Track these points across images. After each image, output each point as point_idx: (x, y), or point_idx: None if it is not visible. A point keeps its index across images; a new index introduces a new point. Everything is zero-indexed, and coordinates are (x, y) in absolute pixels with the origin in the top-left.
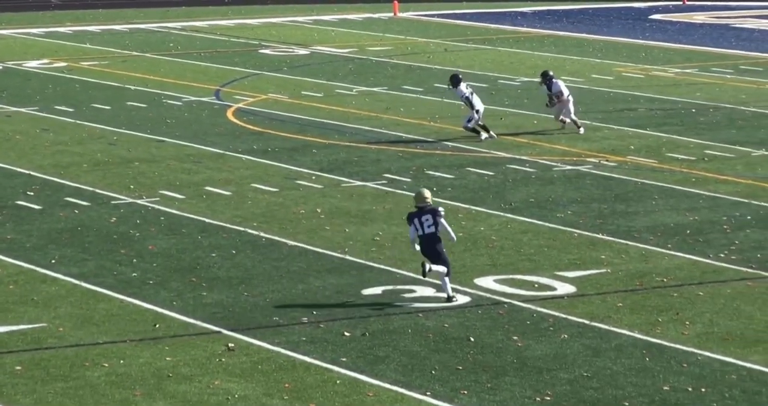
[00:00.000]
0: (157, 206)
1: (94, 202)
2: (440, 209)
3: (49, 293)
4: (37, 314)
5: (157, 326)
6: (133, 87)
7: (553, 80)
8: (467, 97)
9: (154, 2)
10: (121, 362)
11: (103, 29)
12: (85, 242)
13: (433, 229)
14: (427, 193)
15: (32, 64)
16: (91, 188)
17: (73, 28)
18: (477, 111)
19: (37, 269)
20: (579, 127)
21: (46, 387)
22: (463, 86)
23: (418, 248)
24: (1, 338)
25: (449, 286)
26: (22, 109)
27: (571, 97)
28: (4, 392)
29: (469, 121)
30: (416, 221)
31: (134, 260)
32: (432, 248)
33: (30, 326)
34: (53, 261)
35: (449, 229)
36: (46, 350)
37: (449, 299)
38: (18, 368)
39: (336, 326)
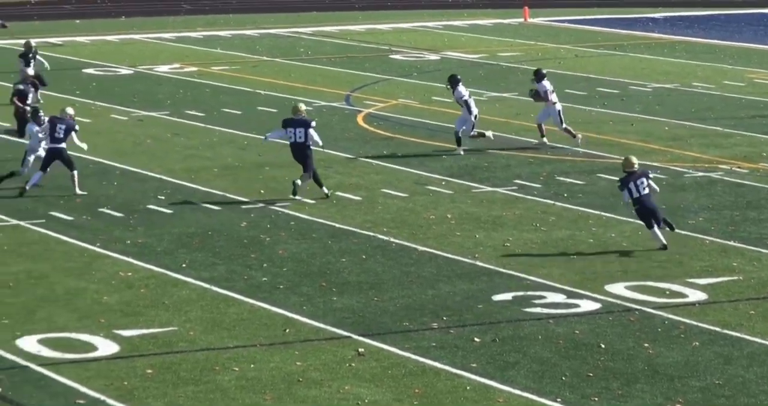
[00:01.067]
0: (287, 211)
1: (225, 206)
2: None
3: (179, 296)
4: (168, 318)
5: (287, 330)
6: (263, 92)
7: (543, 81)
8: (465, 100)
9: (285, 7)
10: (252, 366)
11: (233, 34)
12: (216, 246)
13: (647, 190)
14: (635, 159)
15: (163, 69)
16: (221, 192)
17: (203, 33)
18: (475, 116)
19: (168, 272)
20: (574, 137)
21: (177, 391)
22: (461, 88)
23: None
24: (132, 342)
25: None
26: (153, 114)
27: (559, 106)
28: (135, 395)
29: (472, 127)
30: (631, 184)
31: (264, 265)
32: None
33: (161, 329)
34: (184, 265)
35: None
36: (177, 353)
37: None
38: (149, 371)
39: (466, 331)
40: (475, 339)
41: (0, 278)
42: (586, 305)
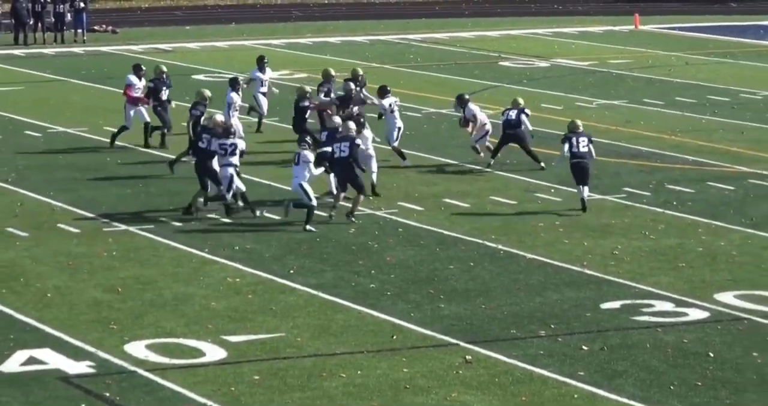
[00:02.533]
0: (395, 218)
1: (338, 214)
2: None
3: (287, 302)
4: (276, 324)
5: (395, 337)
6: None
7: (469, 105)
8: (474, 115)
9: (395, 14)
10: (359, 372)
11: (343, 41)
12: (324, 252)
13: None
14: (580, 122)
15: (273, 76)
16: (330, 200)
17: (313, 39)
18: (488, 131)
19: (276, 278)
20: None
21: (284, 397)
22: (471, 104)
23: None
24: (239, 348)
25: None
26: (266, 121)
27: (489, 127)
28: (242, 401)
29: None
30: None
31: (372, 271)
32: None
33: (268, 335)
34: (292, 271)
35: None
36: (284, 359)
37: None
38: (256, 377)
39: (574, 339)
40: (583, 347)
41: (108, 283)
42: (695, 314)
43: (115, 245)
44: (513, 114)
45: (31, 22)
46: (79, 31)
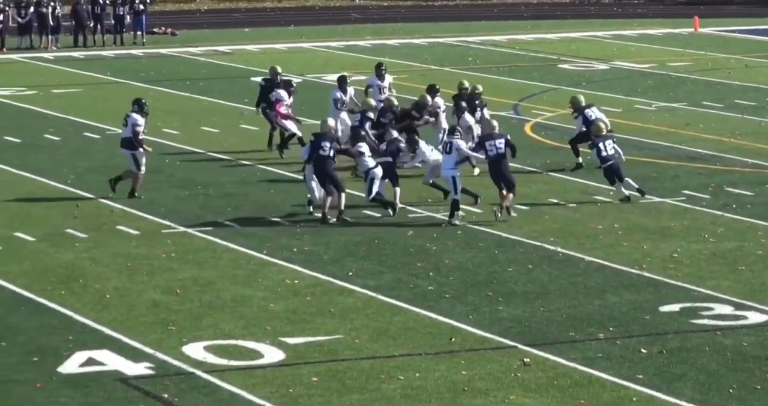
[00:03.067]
0: (454, 220)
1: (391, 215)
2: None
3: (345, 304)
4: (334, 326)
5: (453, 339)
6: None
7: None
8: (470, 126)
9: (454, 16)
10: (417, 375)
11: (402, 43)
12: (382, 254)
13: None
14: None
15: (331, 78)
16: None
17: (372, 41)
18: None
19: (335, 280)
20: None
21: (342, 399)
22: (467, 116)
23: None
24: (298, 349)
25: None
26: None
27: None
28: (300, 403)
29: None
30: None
31: (431, 273)
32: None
33: (327, 337)
34: (350, 273)
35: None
36: (343, 361)
37: None
38: (314, 379)
39: (632, 342)
40: (642, 350)
41: (167, 284)
42: (754, 317)
43: (173, 246)
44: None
45: (91, 25)
46: (139, 33)
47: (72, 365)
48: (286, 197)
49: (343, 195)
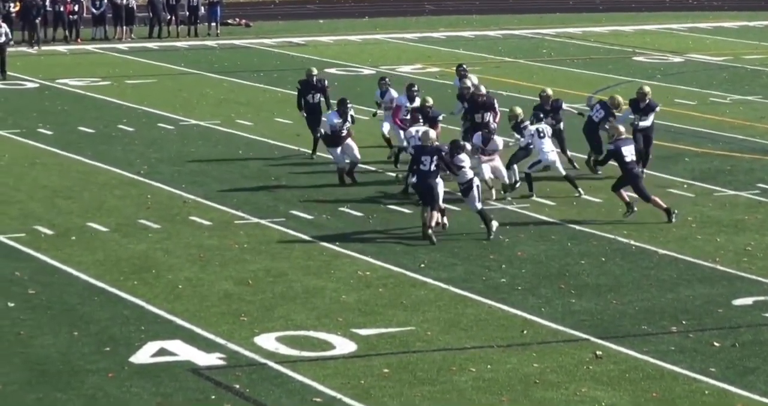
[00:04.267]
0: (527, 212)
1: (464, 206)
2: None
3: (417, 296)
4: (406, 318)
5: (525, 332)
6: (505, 93)
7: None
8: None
9: (529, 9)
10: (488, 367)
11: (476, 35)
12: (455, 246)
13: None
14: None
15: (405, 69)
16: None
17: (446, 33)
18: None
19: (407, 272)
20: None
21: (413, 390)
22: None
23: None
24: (370, 341)
25: None
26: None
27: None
28: (371, 394)
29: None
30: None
31: (503, 266)
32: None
33: (399, 329)
34: (422, 265)
35: None
36: (414, 353)
37: None
38: (386, 370)
39: (705, 336)
40: (715, 344)
41: (240, 275)
42: None
43: (246, 237)
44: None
45: (167, 16)
46: (213, 24)
47: (144, 355)
48: (360, 189)
49: (435, 213)
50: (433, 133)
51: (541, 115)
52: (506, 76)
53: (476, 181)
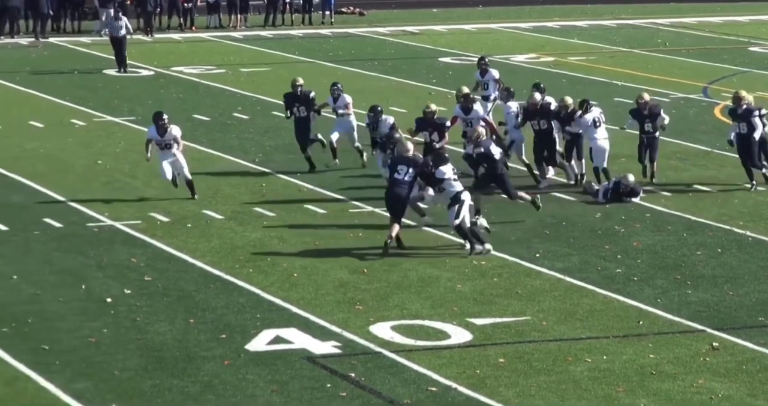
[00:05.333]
0: (642, 203)
1: (580, 197)
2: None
3: (533, 286)
4: (521, 307)
5: (641, 322)
6: (620, 83)
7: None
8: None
9: None
10: (604, 357)
11: (590, 24)
12: (570, 236)
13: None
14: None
15: (519, 59)
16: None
17: (560, 22)
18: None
19: (522, 262)
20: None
21: (529, 380)
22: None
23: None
24: (485, 330)
25: None
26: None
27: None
28: (487, 384)
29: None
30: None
31: (619, 256)
32: None
33: (514, 318)
34: (537, 255)
35: None
36: (529, 343)
37: None
38: (501, 360)
39: None
40: None
41: (355, 264)
42: None
43: (361, 226)
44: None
45: (281, 4)
46: (327, 12)
47: (259, 342)
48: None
49: (396, 226)
50: (410, 144)
51: (597, 121)
52: (621, 66)
53: (465, 196)
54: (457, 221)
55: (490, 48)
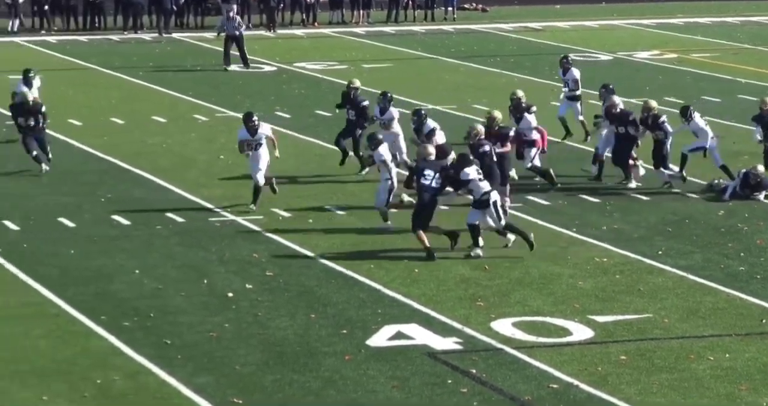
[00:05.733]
0: (766, 201)
1: (703, 194)
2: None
3: (655, 284)
4: (643, 305)
5: (764, 321)
6: (744, 80)
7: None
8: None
9: None
10: (727, 356)
11: (714, 21)
12: (693, 234)
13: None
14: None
15: (642, 56)
16: (698, 180)
17: (684, 19)
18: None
19: (644, 259)
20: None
21: (651, 378)
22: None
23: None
24: (606, 327)
25: None
26: (633, 100)
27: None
28: (608, 381)
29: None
30: None
31: (742, 254)
32: None
33: (635, 316)
34: (660, 252)
35: None
36: (651, 340)
37: None
38: (623, 357)
39: None
40: None
41: (476, 260)
42: None
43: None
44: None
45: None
46: (449, 8)
47: (380, 338)
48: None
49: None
50: (431, 148)
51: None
52: (745, 63)
53: (495, 196)
54: (503, 222)
55: (612, 45)
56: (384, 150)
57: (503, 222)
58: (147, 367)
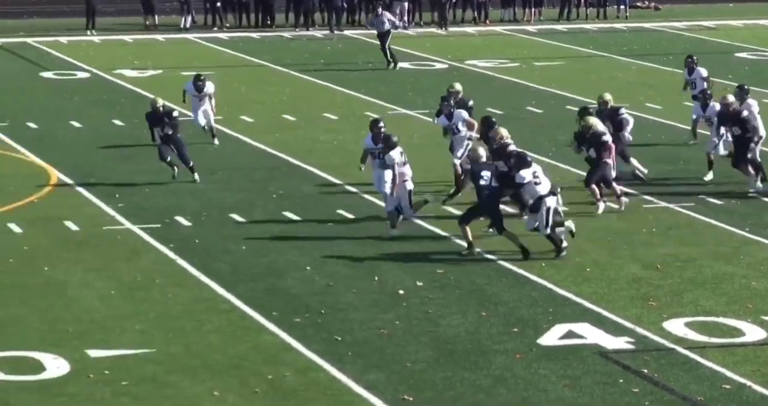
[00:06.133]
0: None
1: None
2: None
3: None
4: None
5: None
6: None
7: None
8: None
9: None
10: None
11: None
12: None
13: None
14: None
15: None
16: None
17: None
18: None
19: None
20: None
21: None
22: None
23: None
24: None
25: None
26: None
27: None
28: None
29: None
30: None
31: None
32: None
33: None
34: None
35: None
36: None
37: None
38: None
39: None
40: None
41: (648, 259)
42: None
43: (655, 221)
44: None
45: None
46: (622, 7)
47: (552, 337)
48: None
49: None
50: (482, 150)
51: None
52: None
53: (549, 203)
54: (548, 230)
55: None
56: (395, 154)
57: (548, 230)
58: (318, 363)
